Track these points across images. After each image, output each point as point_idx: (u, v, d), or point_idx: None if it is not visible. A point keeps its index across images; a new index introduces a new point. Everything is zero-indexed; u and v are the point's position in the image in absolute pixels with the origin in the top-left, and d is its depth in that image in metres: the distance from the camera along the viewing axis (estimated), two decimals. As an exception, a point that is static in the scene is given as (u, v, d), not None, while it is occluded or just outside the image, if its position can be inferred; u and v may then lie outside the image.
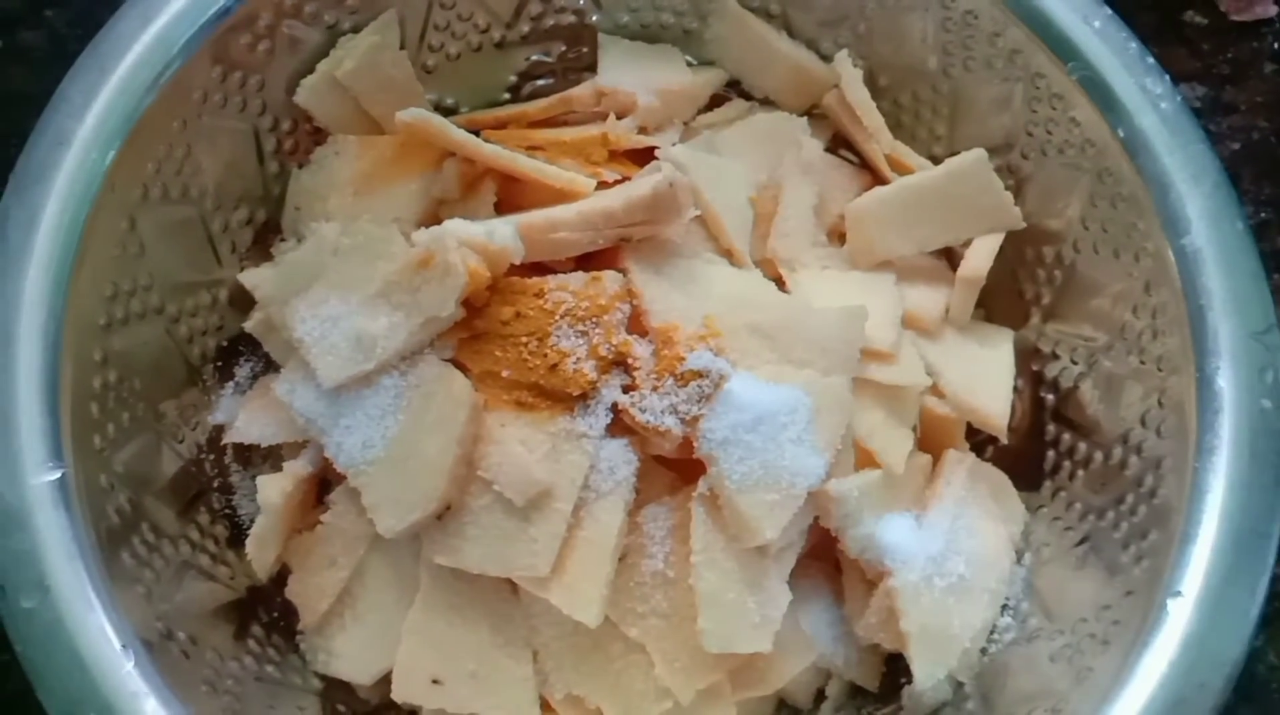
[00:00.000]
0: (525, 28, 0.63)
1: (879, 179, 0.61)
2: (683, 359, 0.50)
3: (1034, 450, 0.59)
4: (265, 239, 0.60)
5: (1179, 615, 0.47)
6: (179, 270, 0.56)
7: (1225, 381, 0.50)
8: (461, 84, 0.64)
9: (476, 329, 0.52)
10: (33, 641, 0.44)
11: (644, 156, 0.59)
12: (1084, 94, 0.55)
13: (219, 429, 0.57)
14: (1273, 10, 0.75)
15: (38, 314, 0.48)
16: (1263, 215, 0.72)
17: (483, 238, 0.50)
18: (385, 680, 0.52)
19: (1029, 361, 0.60)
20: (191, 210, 0.56)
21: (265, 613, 0.55)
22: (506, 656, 0.51)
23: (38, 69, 0.70)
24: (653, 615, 0.51)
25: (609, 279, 0.52)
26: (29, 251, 0.49)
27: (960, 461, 0.56)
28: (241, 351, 0.59)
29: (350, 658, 0.53)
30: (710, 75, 0.64)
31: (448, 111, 0.63)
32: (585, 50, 0.64)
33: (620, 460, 0.51)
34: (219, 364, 0.58)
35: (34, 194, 0.49)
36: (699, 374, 0.50)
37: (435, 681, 0.51)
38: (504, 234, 0.50)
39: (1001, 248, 0.58)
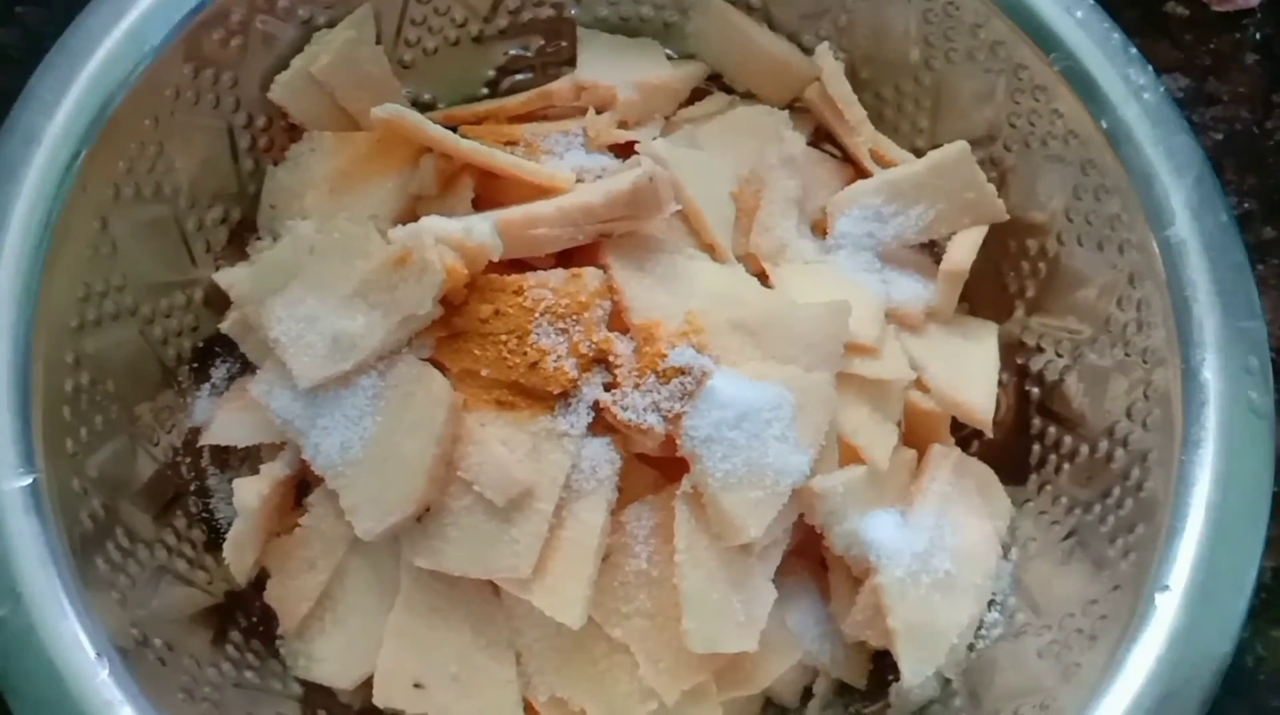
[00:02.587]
0: (503, 22, 0.62)
1: (861, 173, 0.61)
2: (664, 356, 0.50)
3: (1019, 444, 0.58)
4: (241, 238, 0.59)
5: (1166, 610, 0.47)
6: (153, 270, 0.55)
7: (1210, 373, 0.50)
8: (439, 79, 0.63)
9: (455, 327, 0.51)
10: (4, 650, 0.43)
11: (625, 151, 0.59)
12: (1067, 85, 0.54)
13: (195, 431, 0.56)
14: (1254, 1, 0.75)
15: (7, 315, 0.47)
16: (1246, 206, 0.71)
17: (460, 234, 0.49)
18: (367, 684, 0.51)
19: (1013, 355, 0.59)
20: (165, 209, 0.55)
21: (244, 617, 0.54)
22: (489, 659, 0.51)
23: (10, 67, 0.68)
24: (637, 615, 0.50)
25: (589, 276, 0.52)
26: (-2, 252, 0.48)
27: (945, 456, 0.56)
28: (217, 352, 0.58)
29: (331, 662, 0.53)
30: (691, 69, 0.64)
31: (425, 107, 0.63)
32: (564, 44, 0.63)
33: (602, 459, 0.50)
34: (194, 365, 0.57)
35: (3, 193, 0.48)
36: (681, 371, 0.49)
37: (417, 685, 0.50)
38: (482, 230, 0.50)
39: (985, 241, 0.58)
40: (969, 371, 0.57)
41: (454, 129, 0.57)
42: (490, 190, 0.56)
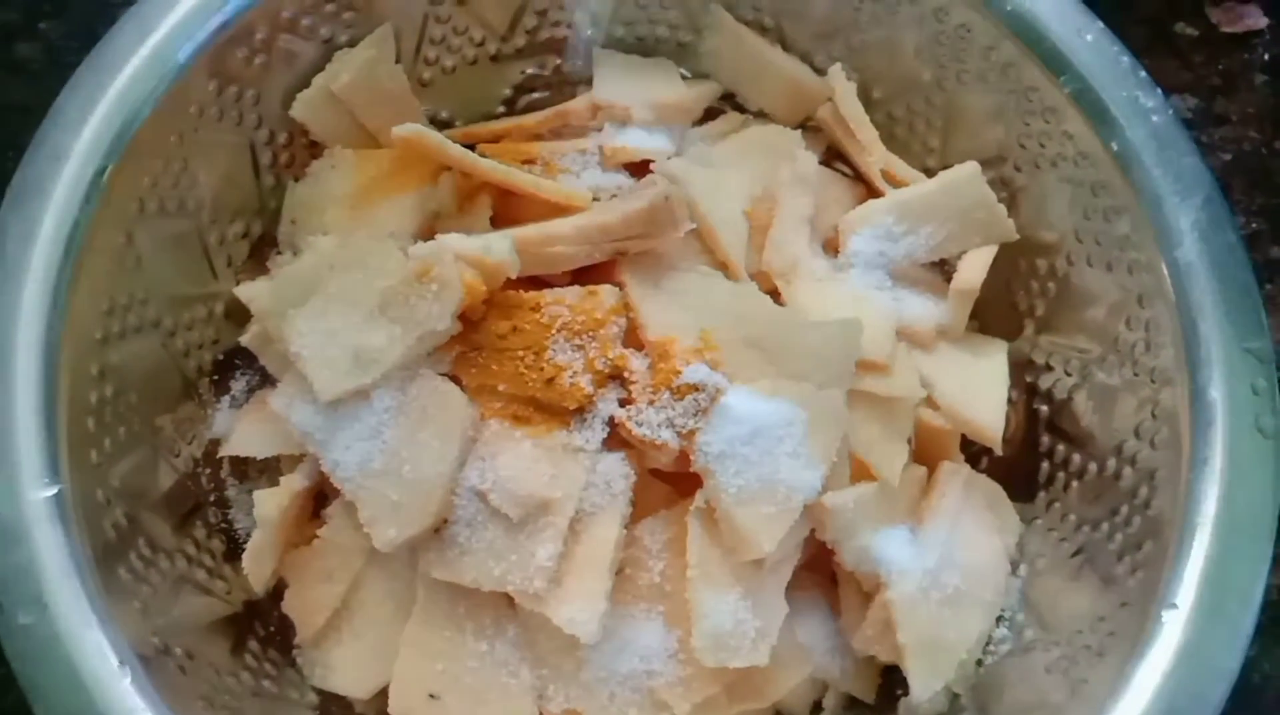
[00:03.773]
0: (520, 41, 0.63)
1: (873, 192, 0.61)
2: (679, 372, 0.50)
3: (1028, 462, 0.59)
4: (261, 252, 0.60)
5: (1174, 627, 0.47)
6: (175, 284, 0.56)
7: (1218, 393, 0.50)
8: (457, 97, 0.64)
9: (473, 343, 0.52)
10: (29, 657, 0.44)
11: (639, 170, 0.59)
12: (1077, 107, 0.55)
13: (215, 443, 0.57)
14: (1263, 22, 0.76)
15: (34, 328, 0.48)
16: (1254, 226, 0.72)
17: (479, 251, 0.50)
18: (383, 694, 0.52)
19: (1023, 373, 0.60)
20: (188, 224, 0.56)
21: (262, 627, 0.55)
22: (504, 671, 0.51)
23: (33, 81, 0.70)
24: (650, 629, 0.51)
25: (605, 293, 0.52)
26: (25, 266, 0.49)
27: (955, 473, 0.56)
28: (238, 365, 0.59)
29: (347, 672, 0.53)
30: (705, 88, 0.64)
31: (443, 125, 0.63)
32: (580, 64, 0.64)
33: (617, 474, 0.51)
34: (215, 378, 0.58)
35: (30, 208, 0.49)
36: (695, 387, 0.50)
37: (432, 696, 0.51)
38: (500, 248, 0.51)
39: (995, 260, 0.58)
40: (979, 389, 0.58)
41: (471, 147, 0.58)
42: (508, 208, 0.57)
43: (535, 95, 0.65)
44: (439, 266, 0.50)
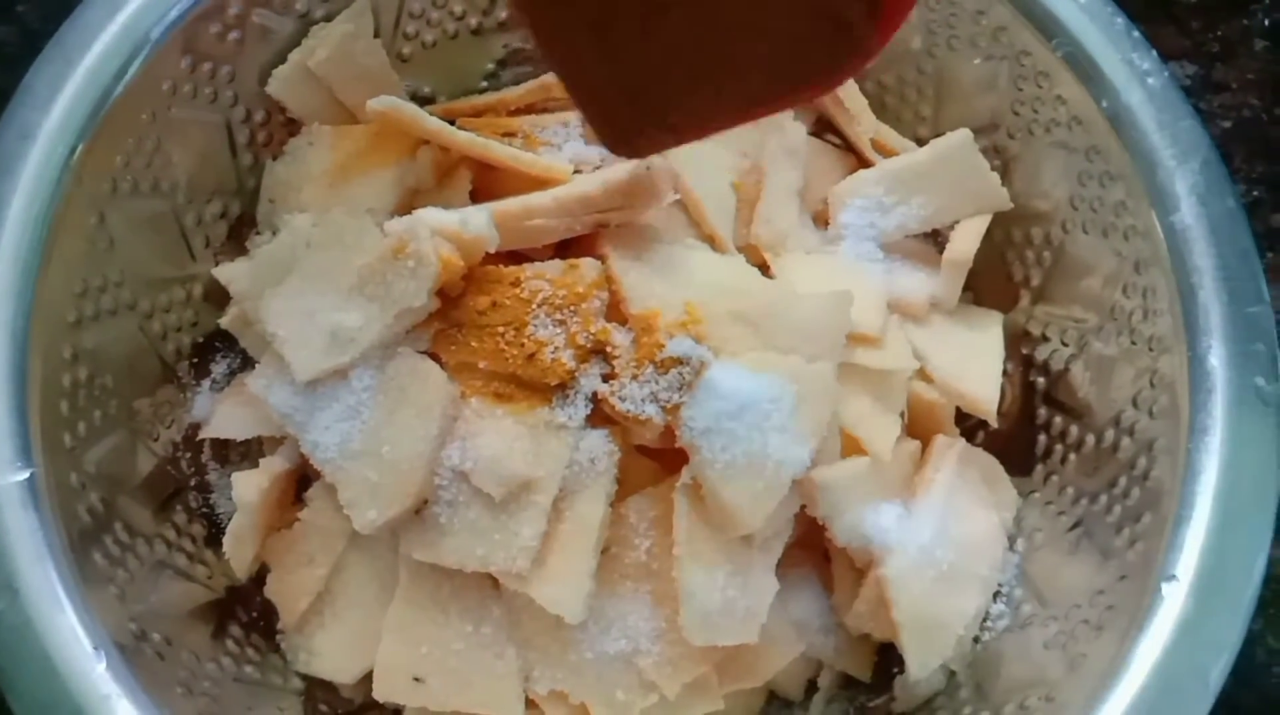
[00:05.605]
0: (503, 14, 0.62)
1: (863, 162, 0.60)
2: (662, 346, 0.49)
3: (1025, 434, 0.58)
4: (240, 232, 0.59)
5: (1174, 599, 0.46)
6: (151, 265, 0.55)
7: (1217, 360, 0.49)
8: (439, 72, 0.62)
9: (452, 320, 0.50)
10: (1, 645, 0.43)
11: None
12: (1070, 71, 0.54)
13: (195, 426, 0.56)
14: (1263, -14, 0.74)
15: (4, 310, 0.47)
16: (1255, 194, 0.71)
17: (456, 226, 0.49)
18: (368, 678, 0.51)
19: (1019, 344, 0.59)
20: (163, 204, 0.55)
21: (244, 612, 0.54)
22: (489, 653, 0.50)
23: (9, 64, 0.69)
24: (637, 608, 0.50)
25: (587, 266, 0.51)
26: (-6, 247, 0.48)
27: (950, 447, 0.55)
28: (218, 348, 0.58)
29: (331, 656, 0.52)
30: (691, 59, 0.63)
31: (425, 101, 0.62)
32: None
33: (601, 451, 0.50)
34: (195, 361, 0.57)
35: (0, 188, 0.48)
36: (679, 361, 0.49)
37: (417, 679, 0.50)
38: (478, 222, 0.49)
39: (989, 229, 0.57)
40: (973, 361, 0.57)
41: (453, 122, 0.57)
42: (488, 182, 0.55)
43: (519, 69, 0.64)
44: (414, 242, 0.49)
